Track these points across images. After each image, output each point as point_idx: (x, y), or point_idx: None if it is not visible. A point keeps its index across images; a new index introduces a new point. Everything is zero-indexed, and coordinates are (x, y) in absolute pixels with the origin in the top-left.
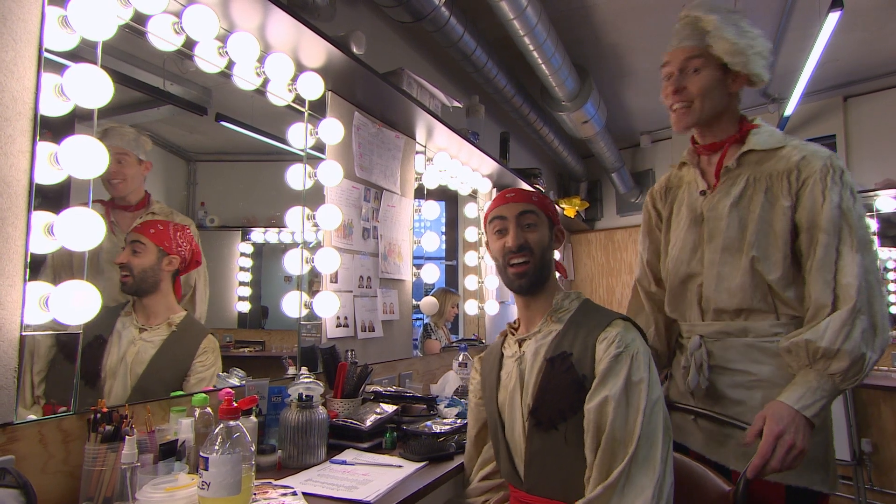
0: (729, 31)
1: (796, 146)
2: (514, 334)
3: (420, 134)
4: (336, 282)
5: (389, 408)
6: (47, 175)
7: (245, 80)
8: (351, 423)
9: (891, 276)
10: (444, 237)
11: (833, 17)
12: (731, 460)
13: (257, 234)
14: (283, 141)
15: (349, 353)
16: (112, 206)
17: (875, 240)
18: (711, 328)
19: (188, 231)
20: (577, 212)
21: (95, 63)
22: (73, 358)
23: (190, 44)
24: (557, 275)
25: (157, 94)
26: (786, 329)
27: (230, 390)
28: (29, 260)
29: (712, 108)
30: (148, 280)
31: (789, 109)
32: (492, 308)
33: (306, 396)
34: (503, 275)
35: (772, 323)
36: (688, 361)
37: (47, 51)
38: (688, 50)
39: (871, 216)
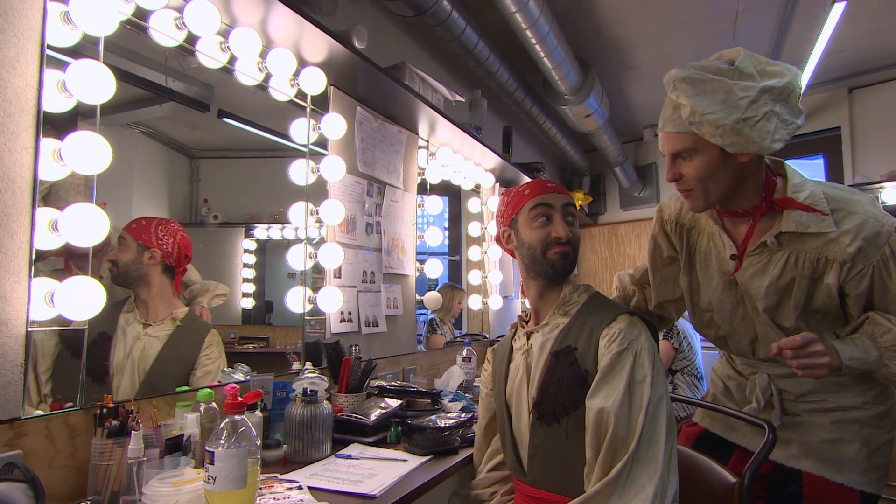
0: (710, 109)
1: (849, 230)
2: (524, 326)
3: (423, 129)
4: (340, 277)
5: (394, 402)
6: (51, 171)
7: (247, 75)
8: (356, 417)
9: None
10: (447, 232)
11: (838, 8)
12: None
13: (260, 231)
14: (286, 137)
15: (353, 348)
16: (69, 255)
17: None
18: (780, 370)
19: (172, 225)
20: (581, 206)
21: (97, 59)
22: (79, 354)
23: (192, 39)
24: None
25: (160, 91)
26: None
27: (235, 385)
28: (34, 256)
29: (721, 189)
30: (131, 273)
31: None
32: (495, 303)
33: (311, 391)
34: (538, 259)
35: None
36: (757, 398)
37: (49, 47)
38: (673, 137)
39: None
